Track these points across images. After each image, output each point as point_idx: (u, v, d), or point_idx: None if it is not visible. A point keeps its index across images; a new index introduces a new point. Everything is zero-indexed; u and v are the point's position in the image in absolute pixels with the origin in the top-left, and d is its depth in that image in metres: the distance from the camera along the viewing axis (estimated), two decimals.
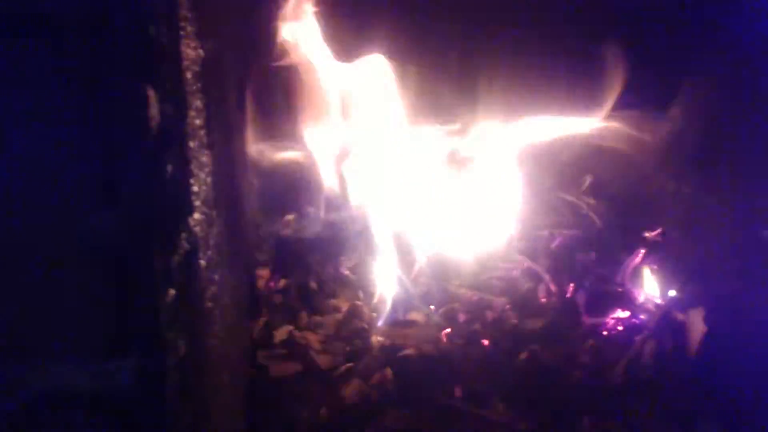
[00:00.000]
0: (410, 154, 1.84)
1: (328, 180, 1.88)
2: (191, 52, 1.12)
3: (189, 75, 1.10)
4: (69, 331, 0.89)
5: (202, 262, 1.08)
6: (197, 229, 1.06)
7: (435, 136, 1.83)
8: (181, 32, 1.06)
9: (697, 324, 1.63)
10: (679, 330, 1.66)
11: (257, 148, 1.87)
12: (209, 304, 1.11)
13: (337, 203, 1.91)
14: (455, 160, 1.88)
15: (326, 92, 1.71)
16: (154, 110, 0.91)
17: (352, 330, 1.69)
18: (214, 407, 1.11)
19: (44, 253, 0.89)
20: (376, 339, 1.66)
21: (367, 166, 1.85)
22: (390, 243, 1.84)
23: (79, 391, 0.91)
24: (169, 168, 0.93)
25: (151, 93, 0.90)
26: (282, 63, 1.66)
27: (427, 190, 1.87)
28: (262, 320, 1.67)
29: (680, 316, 1.68)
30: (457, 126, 1.83)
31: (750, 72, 1.47)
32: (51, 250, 0.90)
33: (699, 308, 1.65)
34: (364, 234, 1.89)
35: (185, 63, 1.08)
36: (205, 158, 1.16)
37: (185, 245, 0.98)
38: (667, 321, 1.69)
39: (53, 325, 0.91)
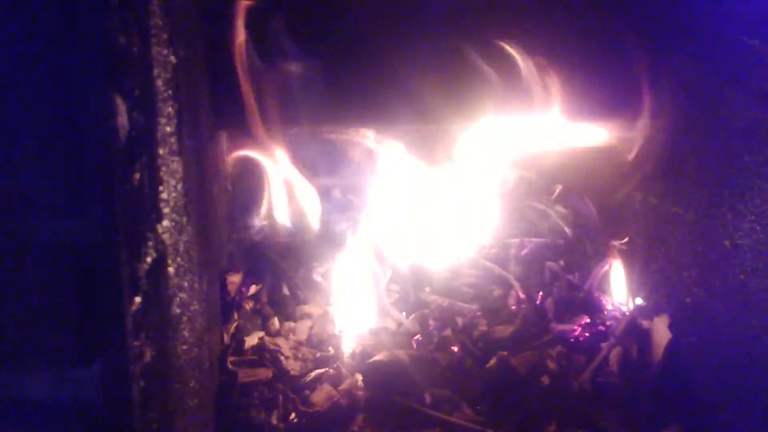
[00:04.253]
0: (382, 162, 1.84)
1: (299, 185, 1.88)
2: (162, 59, 1.11)
3: (160, 82, 1.10)
4: (33, 338, 0.89)
5: (171, 270, 1.08)
6: (166, 236, 1.06)
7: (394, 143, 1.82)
8: (152, 39, 1.06)
9: (662, 331, 1.66)
10: (645, 337, 1.69)
11: (230, 152, 1.86)
12: (177, 311, 1.11)
13: (308, 209, 1.90)
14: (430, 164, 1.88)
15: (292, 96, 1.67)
16: (123, 119, 0.91)
17: (324, 336, 1.70)
18: (181, 414, 1.11)
19: (7, 260, 0.89)
20: (347, 345, 1.67)
21: (339, 174, 1.86)
22: (362, 249, 1.85)
23: (43, 400, 0.91)
24: (137, 176, 0.93)
25: (120, 102, 0.90)
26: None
27: (399, 197, 1.88)
28: (233, 326, 1.67)
29: (646, 324, 1.72)
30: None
31: (717, 81, 1.48)
32: (14, 256, 0.89)
33: (664, 316, 1.69)
34: (336, 240, 1.89)
35: (156, 70, 1.08)
36: (175, 165, 1.16)
37: (153, 253, 0.98)
38: (633, 328, 1.72)
39: (16, 332, 0.90)
